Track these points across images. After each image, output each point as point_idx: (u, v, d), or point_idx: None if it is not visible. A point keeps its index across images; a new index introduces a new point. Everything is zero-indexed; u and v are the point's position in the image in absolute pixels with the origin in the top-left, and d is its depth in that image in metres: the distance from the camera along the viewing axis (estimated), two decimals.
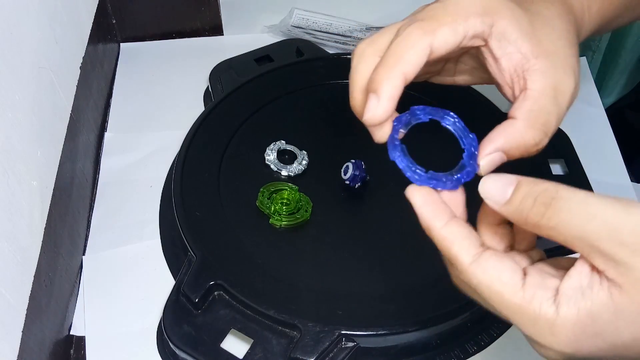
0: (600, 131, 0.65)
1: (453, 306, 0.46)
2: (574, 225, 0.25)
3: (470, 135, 0.33)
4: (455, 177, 0.32)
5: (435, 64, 0.39)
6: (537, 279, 0.27)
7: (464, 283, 0.29)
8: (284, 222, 0.52)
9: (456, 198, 0.32)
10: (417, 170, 0.32)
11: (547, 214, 0.26)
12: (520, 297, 0.27)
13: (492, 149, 0.32)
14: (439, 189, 0.32)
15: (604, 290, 0.25)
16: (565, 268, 0.27)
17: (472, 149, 0.33)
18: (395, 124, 0.33)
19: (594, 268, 0.25)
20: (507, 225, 0.31)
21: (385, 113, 0.32)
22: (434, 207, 0.30)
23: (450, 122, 0.34)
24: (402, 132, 0.33)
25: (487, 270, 0.28)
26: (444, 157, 0.36)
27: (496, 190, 0.28)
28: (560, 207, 0.26)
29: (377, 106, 0.32)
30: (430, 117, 0.33)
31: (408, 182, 0.34)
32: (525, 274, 0.28)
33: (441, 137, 0.34)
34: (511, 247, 0.31)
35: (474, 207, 0.32)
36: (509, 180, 0.28)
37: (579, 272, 0.26)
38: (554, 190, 0.26)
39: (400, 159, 0.33)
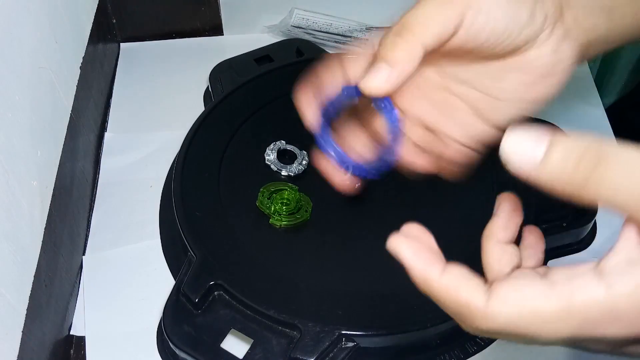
0: (600, 131, 0.65)
1: None
2: (632, 182, 0.21)
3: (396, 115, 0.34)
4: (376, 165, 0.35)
5: None
6: (559, 274, 0.24)
7: (488, 327, 0.25)
8: (284, 222, 0.52)
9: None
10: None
11: (596, 173, 0.22)
12: (556, 298, 0.23)
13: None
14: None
15: None
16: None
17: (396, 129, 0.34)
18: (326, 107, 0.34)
19: None
20: (514, 243, 0.29)
21: (395, 85, 0.30)
22: (425, 255, 0.27)
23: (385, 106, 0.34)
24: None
25: (507, 299, 0.24)
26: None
27: (526, 148, 0.23)
28: (612, 163, 0.22)
29: (387, 76, 0.30)
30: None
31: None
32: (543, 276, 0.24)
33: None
34: (518, 267, 0.28)
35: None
36: (538, 136, 0.23)
37: (624, 247, 0.23)
38: (598, 146, 0.22)
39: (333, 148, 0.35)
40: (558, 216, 0.52)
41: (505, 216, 0.29)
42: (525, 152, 0.23)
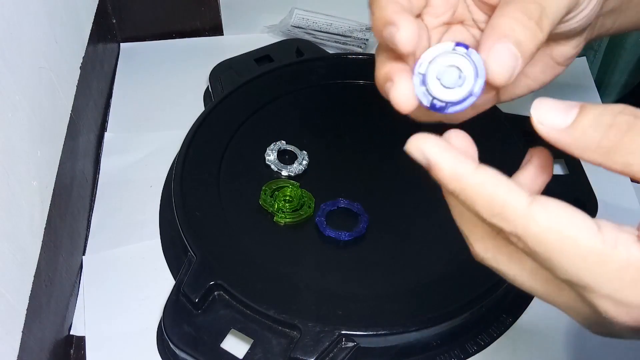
0: None
1: (453, 306, 0.46)
2: None
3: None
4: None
5: None
6: (606, 222, 0.22)
7: (521, 231, 0.22)
8: (287, 219, 0.52)
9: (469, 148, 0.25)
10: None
11: (626, 138, 0.21)
12: (601, 241, 0.22)
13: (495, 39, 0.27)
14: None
15: None
16: None
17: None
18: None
19: None
20: None
21: (412, 30, 0.27)
22: (455, 153, 0.24)
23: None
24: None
25: (552, 212, 0.22)
26: None
27: (556, 111, 0.23)
28: None
29: (398, 30, 0.27)
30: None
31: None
32: None
33: None
34: None
35: None
36: (569, 103, 0.23)
37: None
38: (631, 112, 0.22)
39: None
40: None
41: (531, 172, 0.27)
42: (557, 116, 0.23)
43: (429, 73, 0.26)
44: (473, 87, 0.26)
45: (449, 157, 0.23)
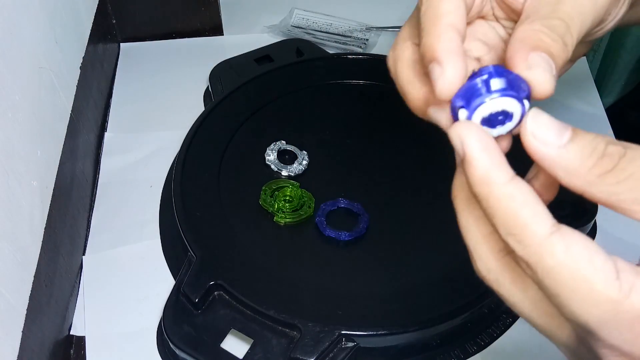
0: (600, 131, 0.64)
1: (453, 306, 0.46)
2: None
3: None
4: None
5: None
6: (628, 266, 0.21)
7: (536, 261, 0.21)
8: (287, 219, 0.52)
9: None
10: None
11: (619, 165, 0.21)
12: (617, 289, 0.20)
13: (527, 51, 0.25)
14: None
15: None
16: None
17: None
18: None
19: None
20: None
21: (457, 76, 0.24)
22: (497, 155, 0.22)
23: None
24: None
25: (572, 247, 0.21)
26: None
27: (552, 129, 0.22)
28: (632, 157, 0.21)
29: (443, 73, 0.24)
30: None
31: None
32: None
33: None
34: None
35: None
36: (562, 124, 0.22)
37: None
38: (619, 142, 0.22)
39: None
40: (557, 216, 0.52)
41: (536, 189, 0.26)
42: (549, 135, 0.22)
43: (474, 119, 0.24)
44: (521, 116, 0.24)
45: (486, 158, 0.22)
